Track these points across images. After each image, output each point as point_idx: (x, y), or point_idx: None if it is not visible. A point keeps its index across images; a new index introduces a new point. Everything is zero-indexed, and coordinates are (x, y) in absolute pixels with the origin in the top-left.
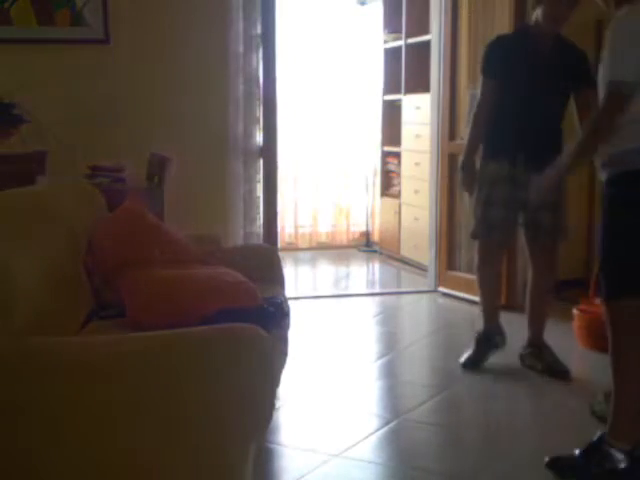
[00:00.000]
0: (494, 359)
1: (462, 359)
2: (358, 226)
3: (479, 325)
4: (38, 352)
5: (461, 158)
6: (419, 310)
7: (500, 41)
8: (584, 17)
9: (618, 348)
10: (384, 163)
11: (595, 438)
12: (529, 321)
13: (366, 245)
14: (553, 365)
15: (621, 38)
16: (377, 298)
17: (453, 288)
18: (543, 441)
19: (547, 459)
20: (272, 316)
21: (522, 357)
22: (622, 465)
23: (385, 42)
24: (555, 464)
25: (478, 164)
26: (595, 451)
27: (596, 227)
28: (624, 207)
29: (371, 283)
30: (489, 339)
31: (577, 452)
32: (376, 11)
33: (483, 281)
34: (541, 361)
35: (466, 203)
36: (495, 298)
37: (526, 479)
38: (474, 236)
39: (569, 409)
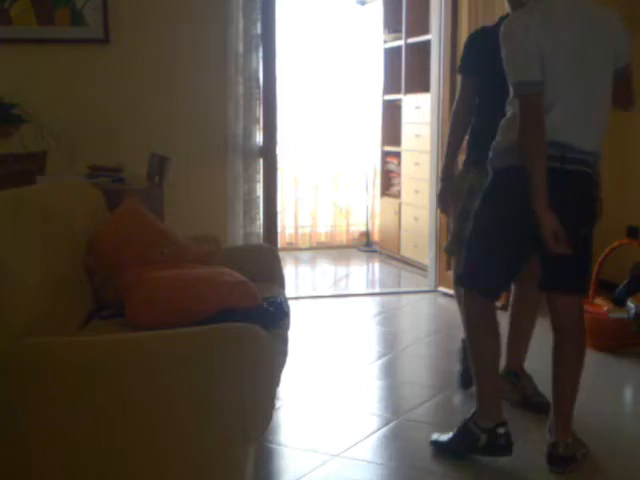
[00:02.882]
0: None
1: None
2: (358, 226)
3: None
4: (38, 352)
5: (440, 169)
6: (419, 310)
7: (481, 34)
8: None
9: (468, 336)
10: (384, 163)
11: (465, 419)
12: (510, 342)
13: (366, 245)
14: (532, 397)
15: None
16: (377, 298)
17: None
18: (542, 440)
19: (432, 438)
20: (272, 316)
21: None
22: (482, 441)
23: (385, 42)
24: (435, 443)
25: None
26: (463, 430)
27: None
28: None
29: (371, 283)
30: None
31: (452, 432)
32: (376, 11)
33: (460, 301)
34: (518, 392)
35: None
36: None
37: (528, 478)
38: (448, 252)
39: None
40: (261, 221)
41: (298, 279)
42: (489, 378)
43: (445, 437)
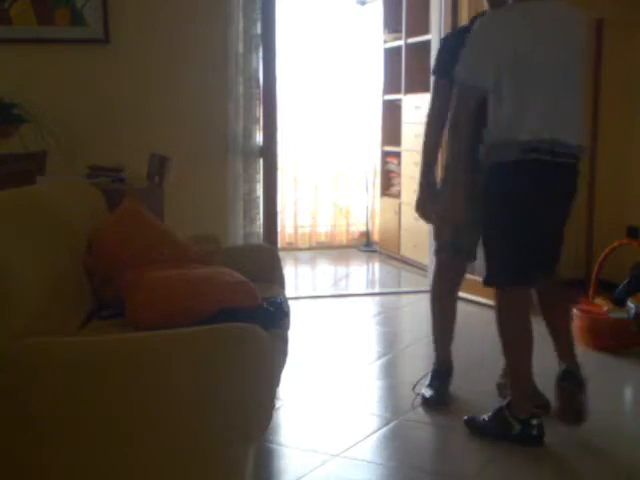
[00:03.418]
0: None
1: (427, 394)
2: (358, 226)
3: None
4: (38, 352)
5: (418, 177)
6: (419, 310)
7: (454, 36)
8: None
9: (508, 335)
10: (384, 163)
11: (500, 406)
12: None
13: (366, 245)
14: (532, 397)
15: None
16: (377, 298)
17: None
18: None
19: (466, 417)
20: (272, 316)
21: (500, 386)
22: (516, 430)
23: (385, 42)
24: (470, 422)
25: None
26: (498, 416)
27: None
28: (499, 198)
29: (371, 283)
30: (447, 374)
31: (487, 415)
32: (376, 11)
33: (440, 305)
34: None
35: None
36: (450, 331)
37: (527, 479)
38: (439, 252)
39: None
40: (261, 221)
41: (298, 279)
42: (523, 370)
43: (480, 418)
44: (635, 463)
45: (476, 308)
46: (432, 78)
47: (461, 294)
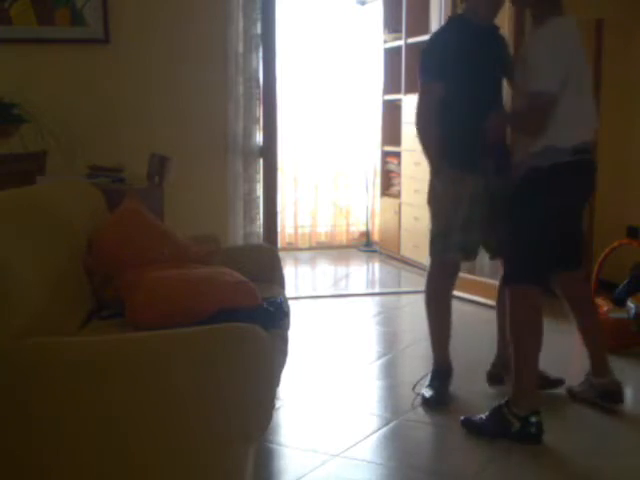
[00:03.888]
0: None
1: (427, 394)
2: (358, 226)
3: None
4: (38, 352)
5: (447, 174)
6: (419, 310)
7: (443, 38)
8: (584, 16)
9: (520, 331)
10: (384, 163)
11: (499, 404)
12: (499, 337)
13: (366, 245)
14: (543, 377)
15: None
16: (377, 298)
17: None
18: (543, 440)
19: (462, 417)
20: (272, 316)
21: (490, 376)
22: (515, 427)
23: (385, 42)
24: (466, 422)
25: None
26: (497, 414)
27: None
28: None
29: (371, 283)
30: (447, 374)
31: (485, 414)
32: (376, 11)
33: (437, 306)
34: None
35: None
36: (447, 331)
37: (527, 478)
38: (446, 252)
39: (572, 408)
40: (261, 221)
41: (298, 279)
42: (529, 367)
43: (477, 418)
44: (635, 462)
45: (474, 307)
46: (421, 80)
47: (459, 294)
